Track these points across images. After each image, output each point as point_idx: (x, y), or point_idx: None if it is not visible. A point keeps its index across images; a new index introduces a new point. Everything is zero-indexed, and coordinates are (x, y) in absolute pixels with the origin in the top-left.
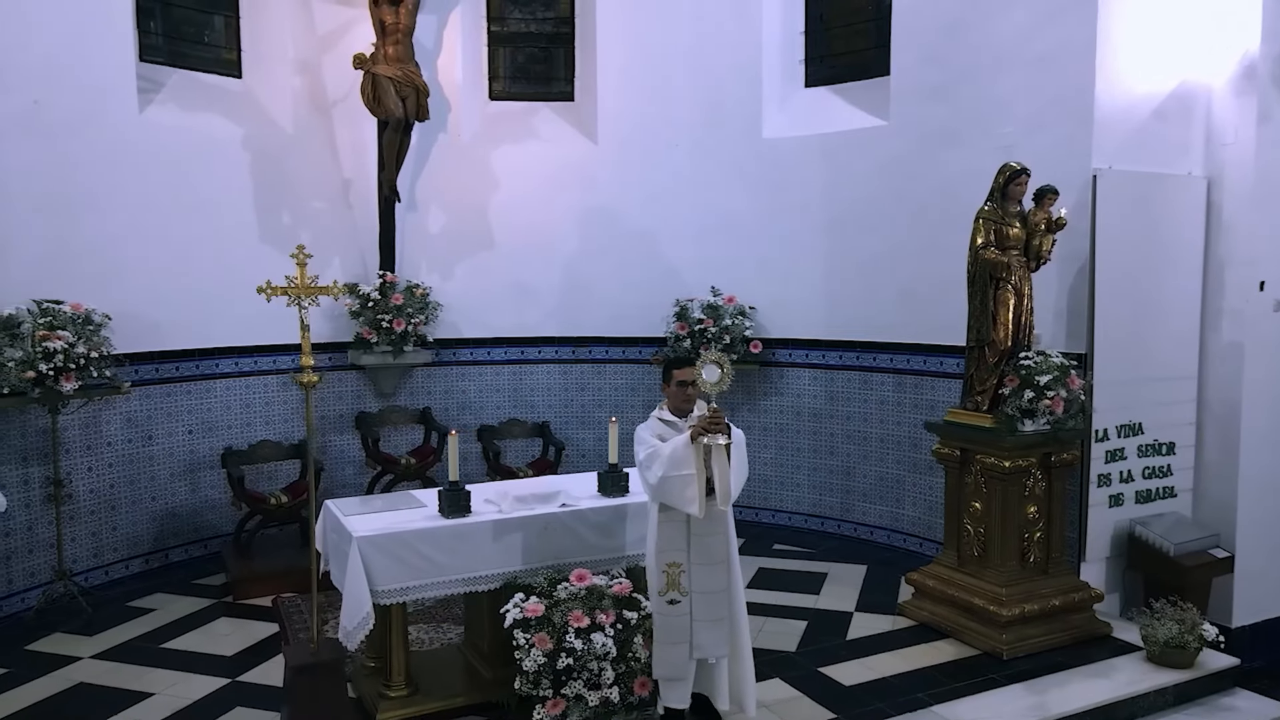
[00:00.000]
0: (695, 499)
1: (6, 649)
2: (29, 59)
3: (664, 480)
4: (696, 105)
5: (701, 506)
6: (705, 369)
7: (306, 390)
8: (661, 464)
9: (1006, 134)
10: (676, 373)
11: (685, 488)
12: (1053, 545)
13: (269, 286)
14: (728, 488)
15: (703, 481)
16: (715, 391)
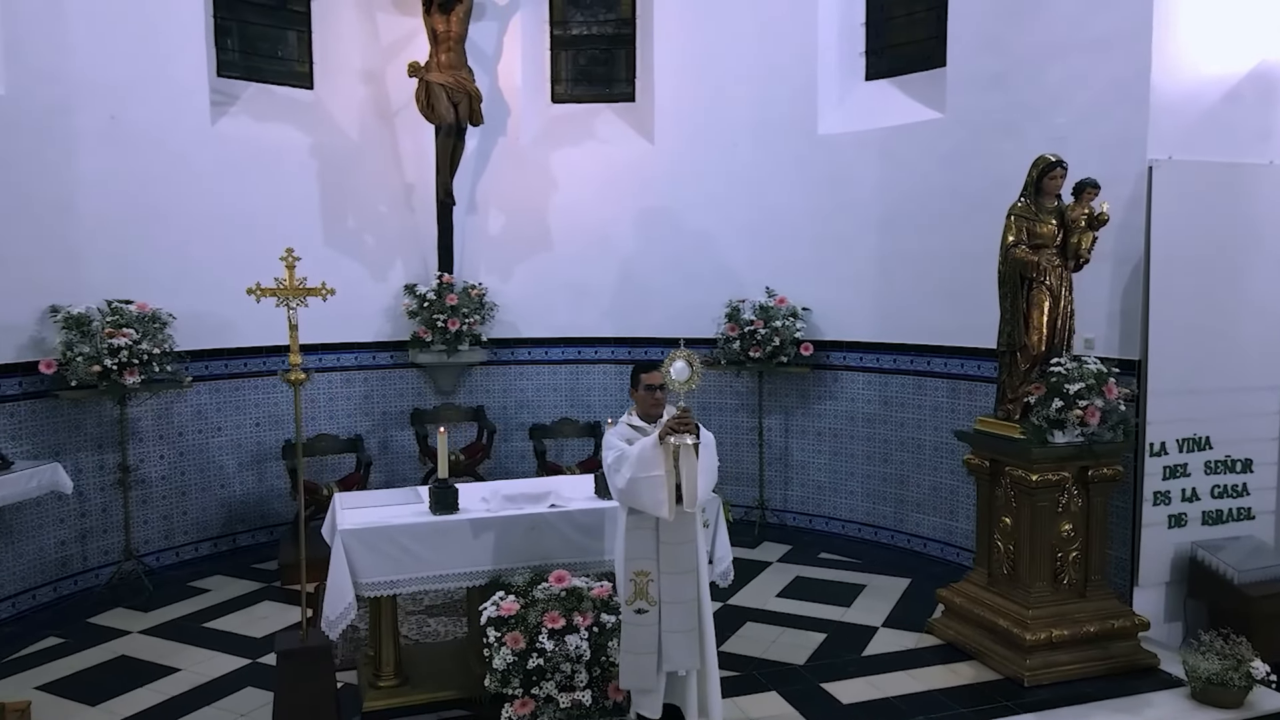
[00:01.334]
0: (664, 501)
1: (72, 619)
2: (107, 78)
3: (632, 482)
4: (753, 103)
5: (671, 509)
6: (674, 366)
7: (295, 388)
8: (630, 466)
9: (1060, 124)
10: (644, 377)
11: (655, 490)
12: (1091, 566)
13: (258, 288)
14: (695, 490)
15: (672, 484)
16: (684, 390)
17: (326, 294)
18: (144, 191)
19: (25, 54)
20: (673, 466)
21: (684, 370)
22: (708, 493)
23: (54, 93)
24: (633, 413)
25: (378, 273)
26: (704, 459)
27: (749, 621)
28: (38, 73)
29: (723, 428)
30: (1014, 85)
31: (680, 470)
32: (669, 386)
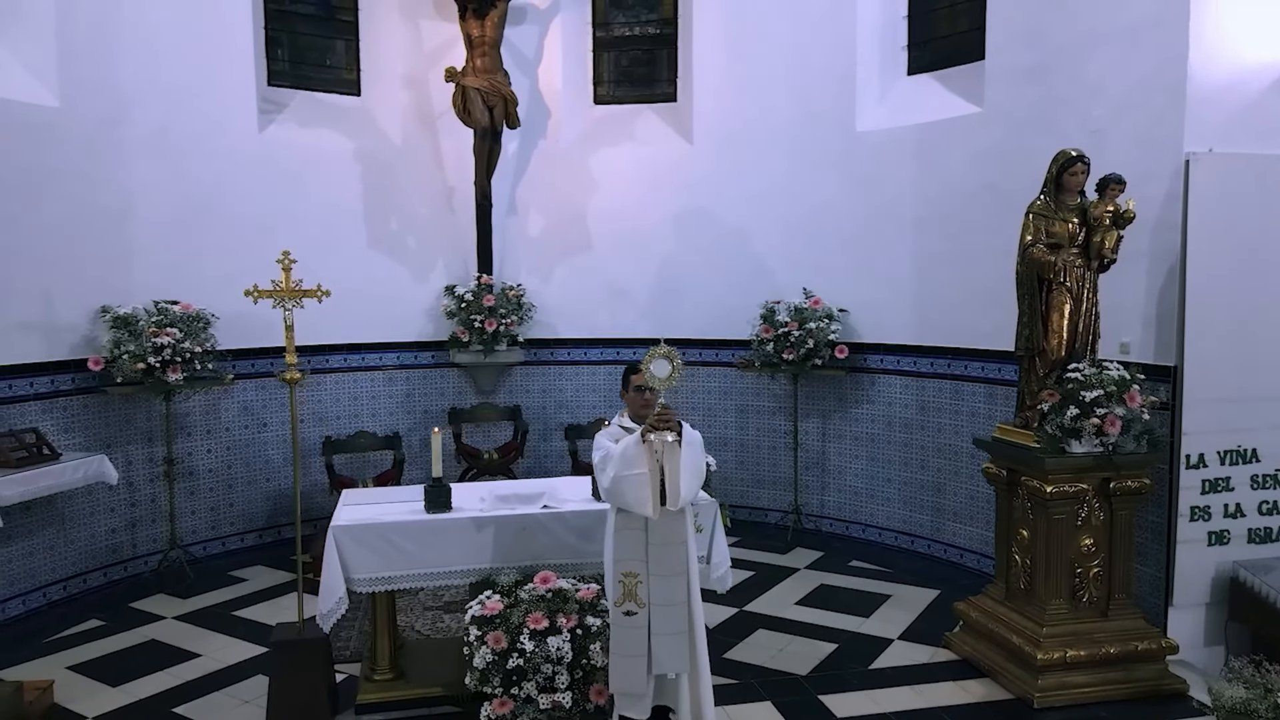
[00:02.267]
0: (648, 500)
1: (115, 604)
2: (158, 89)
3: (616, 480)
4: (791, 101)
5: (655, 508)
6: (654, 364)
7: (291, 387)
8: (614, 464)
9: (1097, 117)
10: (634, 378)
11: (638, 488)
12: (1114, 583)
13: (255, 290)
14: (677, 488)
15: (656, 482)
16: (665, 387)
17: (322, 295)
18: (193, 197)
19: (78, 67)
20: (657, 465)
21: (664, 368)
22: (693, 492)
23: (106, 104)
24: (624, 414)
25: (419, 274)
26: (688, 457)
27: (761, 629)
28: (90, 85)
29: (759, 431)
30: (1052, 77)
31: (664, 469)
32: (649, 384)
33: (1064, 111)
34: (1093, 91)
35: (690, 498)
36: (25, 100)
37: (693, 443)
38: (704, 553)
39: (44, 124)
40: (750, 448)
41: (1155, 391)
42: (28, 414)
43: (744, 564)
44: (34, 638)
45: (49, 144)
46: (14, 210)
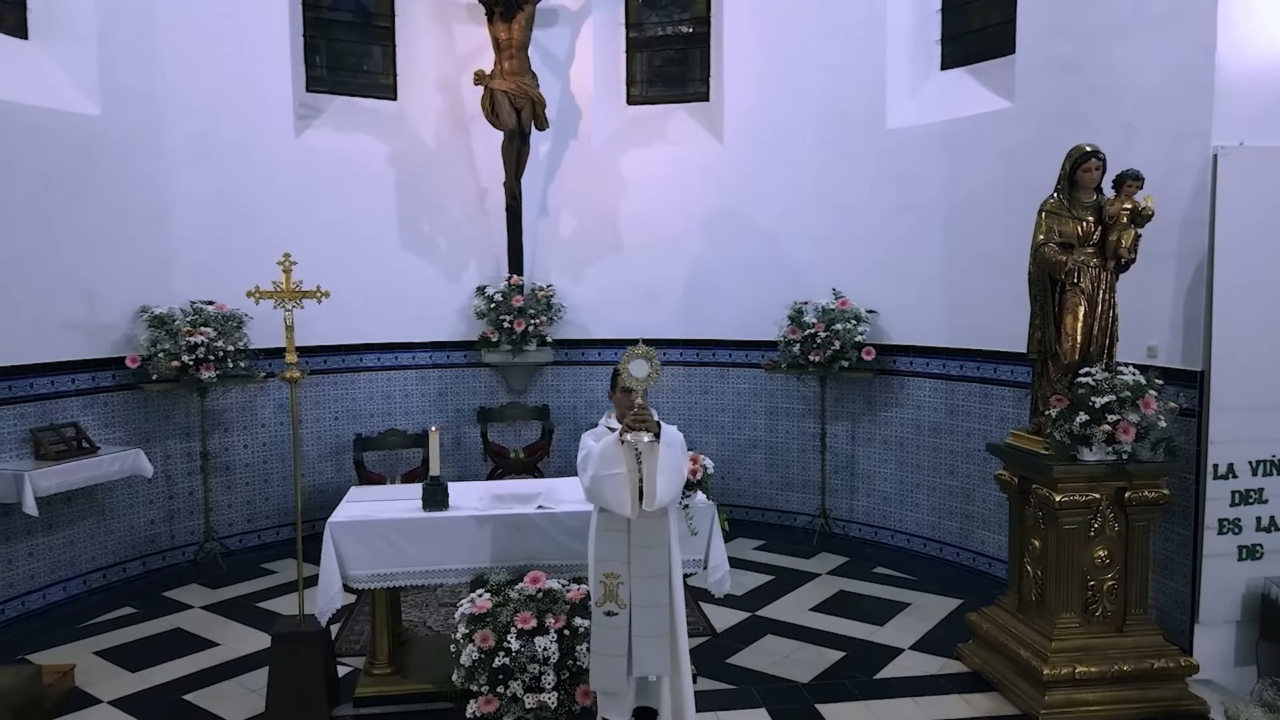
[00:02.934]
0: (627, 500)
1: (149, 592)
2: (196, 97)
3: (595, 480)
4: (822, 98)
5: (634, 508)
6: (633, 364)
7: (291, 386)
8: (593, 463)
9: (1126, 110)
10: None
11: (617, 488)
12: (1131, 598)
13: (257, 291)
14: (654, 489)
15: (635, 483)
16: (643, 387)
17: (321, 296)
18: (230, 200)
19: (119, 76)
20: (636, 466)
21: (643, 368)
22: (672, 493)
23: (146, 112)
24: (612, 415)
25: (452, 274)
26: (665, 458)
27: (770, 634)
28: (131, 95)
29: (788, 433)
30: (1082, 69)
31: (642, 469)
32: (627, 384)
33: (1094, 105)
34: (1122, 84)
35: (669, 499)
36: (69, 110)
37: (672, 443)
38: (701, 556)
39: (87, 132)
40: (780, 450)
41: (1180, 398)
42: (70, 409)
43: (765, 568)
44: (70, 623)
45: (92, 151)
46: (59, 214)
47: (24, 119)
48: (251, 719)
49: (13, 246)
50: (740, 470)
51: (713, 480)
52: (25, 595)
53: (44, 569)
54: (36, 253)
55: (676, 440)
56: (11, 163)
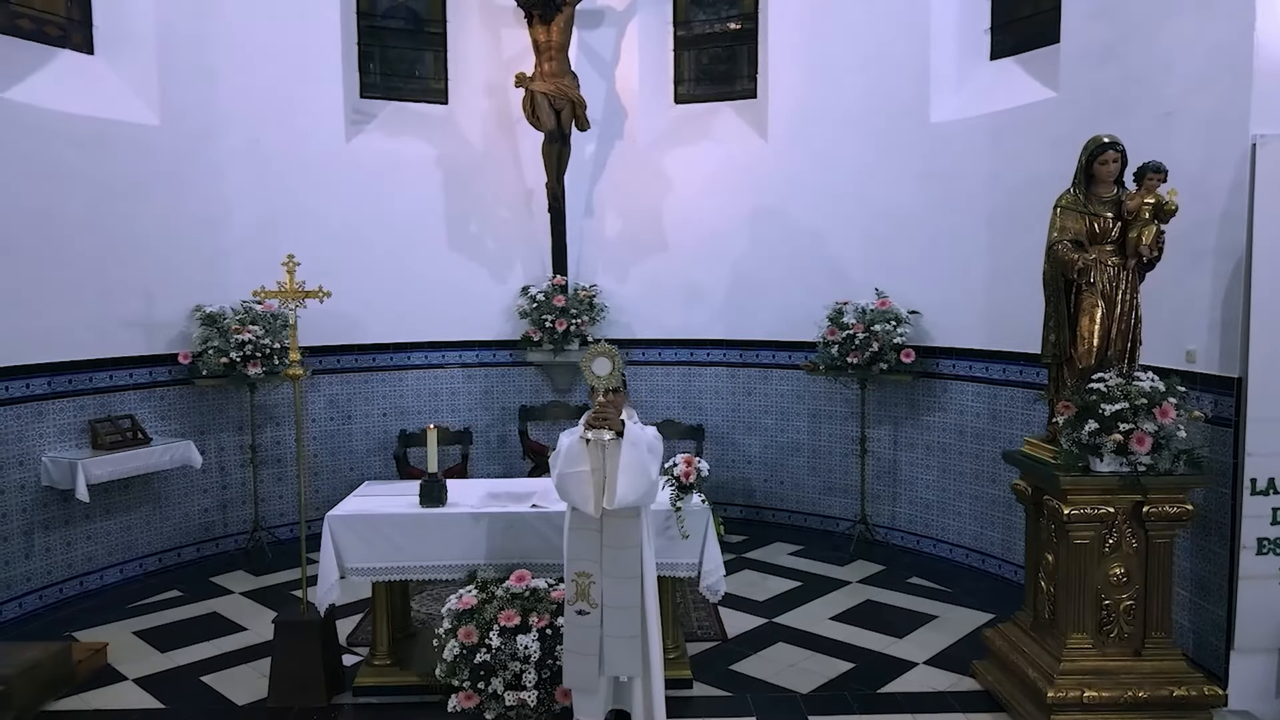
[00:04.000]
0: (590, 498)
1: (198, 577)
2: (250, 106)
3: (561, 477)
4: (866, 93)
5: (597, 506)
6: (595, 362)
7: (295, 383)
8: (560, 461)
9: (1166, 98)
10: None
11: (581, 485)
12: (1151, 620)
13: (262, 290)
14: (614, 486)
15: (599, 481)
16: (605, 385)
17: (323, 296)
18: (282, 204)
19: (177, 89)
20: (601, 464)
21: (605, 365)
22: (635, 492)
23: (202, 121)
24: None
25: (498, 275)
26: (628, 457)
27: (781, 642)
28: (187, 104)
29: (831, 436)
30: (1124, 55)
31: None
32: (590, 381)
33: (1137, 93)
34: (1163, 69)
35: (633, 499)
36: (130, 120)
37: (636, 443)
38: (695, 560)
39: (146, 141)
40: (822, 454)
41: (1215, 406)
42: (128, 402)
43: (794, 574)
44: (120, 604)
45: (150, 158)
46: (120, 218)
47: (88, 130)
48: (255, 703)
49: (75, 249)
50: (783, 473)
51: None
52: (83, 576)
53: (101, 552)
54: (97, 255)
55: (642, 440)
56: (75, 171)
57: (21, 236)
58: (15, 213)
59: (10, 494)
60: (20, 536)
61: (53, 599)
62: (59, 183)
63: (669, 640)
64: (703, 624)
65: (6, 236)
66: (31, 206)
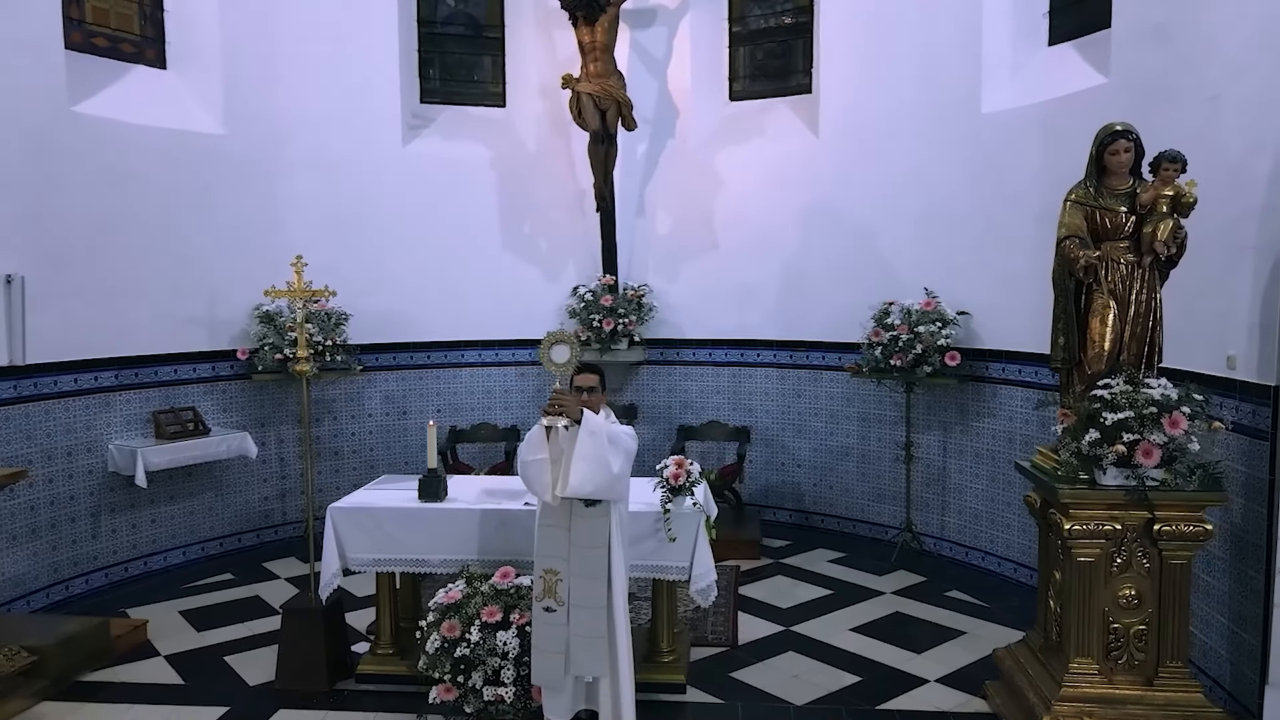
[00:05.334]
0: (548, 486)
1: (252, 562)
2: (311, 114)
3: (523, 465)
4: (917, 84)
5: (554, 495)
6: (554, 349)
7: (304, 379)
8: (523, 449)
9: (1212, 81)
10: (576, 378)
11: (540, 473)
12: (1165, 646)
13: (273, 290)
14: (567, 474)
15: (559, 469)
16: (563, 373)
17: (329, 295)
18: (341, 207)
19: (241, 100)
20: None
21: (563, 353)
22: (591, 482)
23: (265, 130)
24: None
25: (551, 274)
26: (585, 446)
27: (792, 651)
28: (252, 114)
29: (881, 441)
30: (1173, 37)
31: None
32: (547, 368)
33: (1184, 76)
34: (1208, 50)
35: (588, 489)
36: (197, 130)
37: (595, 432)
38: (686, 563)
39: (212, 149)
40: (872, 459)
41: (1255, 417)
42: (192, 395)
43: (827, 582)
44: (177, 584)
45: (216, 166)
46: (187, 223)
47: (158, 140)
48: (263, 684)
49: (144, 251)
50: (832, 478)
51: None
52: (147, 556)
53: (165, 535)
54: (165, 257)
55: (602, 430)
56: (146, 178)
57: (93, 240)
58: (88, 218)
59: (79, 478)
60: (88, 518)
61: (117, 577)
62: (130, 190)
63: (664, 644)
64: (716, 629)
65: (79, 240)
66: (103, 212)
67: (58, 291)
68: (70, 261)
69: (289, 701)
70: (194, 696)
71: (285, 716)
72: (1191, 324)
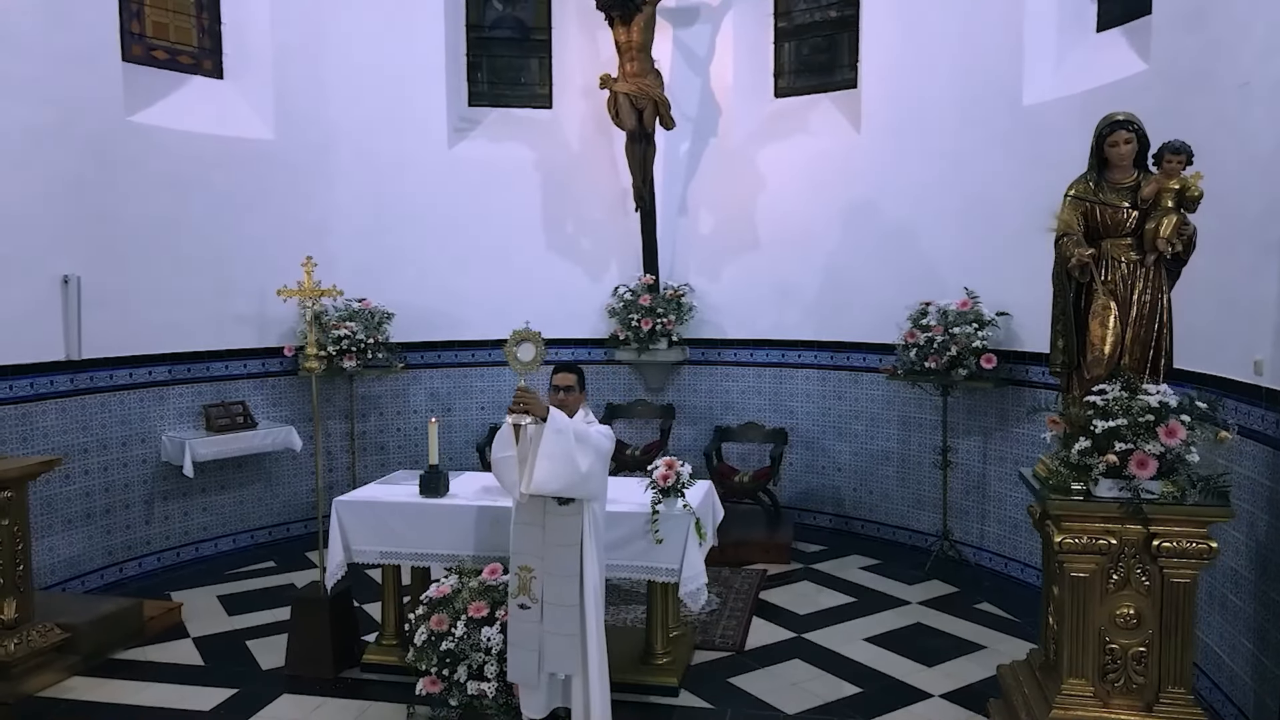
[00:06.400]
0: (515, 484)
1: (296, 552)
2: (358, 119)
3: (495, 464)
4: (958, 75)
5: (520, 492)
6: (520, 348)
7: (313, 377)
8: (494, 446)
9: (1245, 65)
10: (554, 377)
11: (508, 470)
12: (1167, 671)
13: (284, 289)
14: (531, 472)
15: (526, 467)
16: (526, 371)
17: (336, 294)
18: (388, 209)
19: (290, 104)
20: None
21: (529, 351)
22: (554, 479)
23: (314, 135)
24: None
25: (594, 274)
26: (549, 443)
27: (797, 659)
28: (301, 120)
29: (921, 446)
30: (1209, 20)
31: None
32: (513, 367)
33: (1219, 62)
34: (1242, 32)
35: (553, 486)
36: (249, 136)
37: (562, 430)
38: (676, 565)
39: (263, 154)
40: (912, 464)
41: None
42: (242, 389)
43: (852, 589)
44: (222, 570)
45: (267, 170)
46: (238, 225)
47: (211, 146)
48: (274, 669)
49: (197, 252)
50: (872, 483)
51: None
52: (199, 543)
53: (216, 523)
54: (217, 257)
55: (569, 428)
56: (198, 183)
57: (149, 242)
58: (143, 221)
59: (133, 467)
60: (141, 505)
61: (169, 561)
62: (183, 194)
63: (658, 645)
64: (727, 633)
65: (135, 242)
66: (158, 215)
67: (114, 291)
68: (126, 262)
69: (294, 687)
70: (209, 678)
71: (287, 700)
72: (1221, 325)
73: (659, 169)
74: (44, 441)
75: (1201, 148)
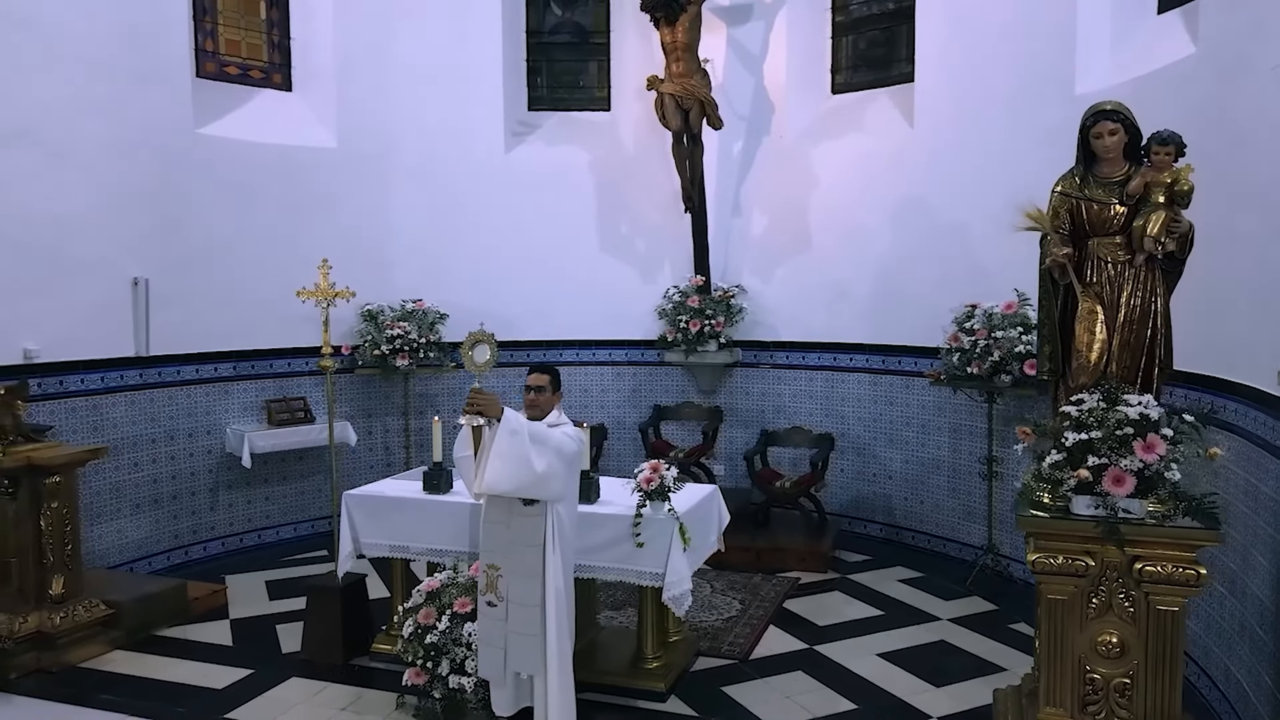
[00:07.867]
0: (472, 482)
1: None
2: (418, 127)
3: (456, 463)
4: (1010, 65)
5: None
6: (475, 350)
7: (327, 375)
8: (455, 446)
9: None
10: (528, 378)
11: (466, 469)
12: (1155, 705)
13: (304, 290)
14: (483, 471)
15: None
16: (483, 371)
17: (349, 296)
18: (446, 213)
19: (353, 115)
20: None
21: (484, 353)
22: (507, 480)
23: (375, 143)
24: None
25: (648, 275)
26: (502, 444)
27: (800, 670)
28: (362, 129)
29: (972, 455)
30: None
31: None
32: (469, 369)
33: (1260, 41)
34: (1277, 10)
35: (505, 486)
36: (313, 145)
37: (516, 431)
38: (660, 569)
39: (326, 162)
40: (963, 474)
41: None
42: (303, 386)
43: (884, 602)
44: (278, 556)
45: (329, 177)
46: (301, 230)
47: (275, 155)
48: (292, 653)
49: (262, 255)
50: (923, 493)
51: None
52: (261, 530)
53: (277, 511)
54: (281, 260)
55: (524, 429)
56: (264, 190)
57: (215, 246)
58: (211, 226)
59: (199, 457)
60: (207, 493)
61: (233, 546)
62: (249, 201)
63: (649, 650)
64: (736, 641)
65: (203, 246)
66: (224, 221)
67: (183, 292)
68: (194, 265)
69: (305, 671)
70: (231, 658)
71: (295, 683)
72: (1257, 331)
73: (712, 169)
74: (113, 431)
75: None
